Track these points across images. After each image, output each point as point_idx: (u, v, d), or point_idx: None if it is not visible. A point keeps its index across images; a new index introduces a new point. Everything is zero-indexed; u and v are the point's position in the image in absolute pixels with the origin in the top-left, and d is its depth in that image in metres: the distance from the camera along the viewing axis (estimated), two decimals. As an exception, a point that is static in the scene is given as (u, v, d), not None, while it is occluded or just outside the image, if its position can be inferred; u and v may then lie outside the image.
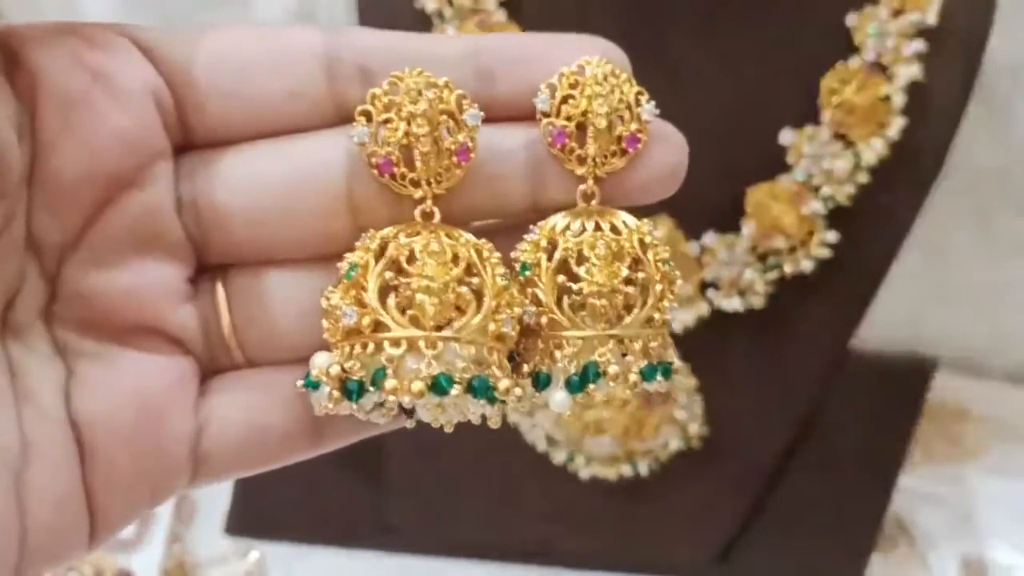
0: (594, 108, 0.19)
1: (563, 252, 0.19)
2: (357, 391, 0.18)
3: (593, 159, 0.19)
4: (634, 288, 0.19)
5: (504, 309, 0.18)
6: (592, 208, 0.19)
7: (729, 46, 0.39)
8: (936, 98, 0.40)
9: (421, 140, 0.18)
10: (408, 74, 0.18)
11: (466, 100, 0.19)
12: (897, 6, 0.39)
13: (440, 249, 0.18)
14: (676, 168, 0.21)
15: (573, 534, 0.47)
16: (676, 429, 0.43)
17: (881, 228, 0.41)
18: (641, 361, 0.18)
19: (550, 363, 0.19)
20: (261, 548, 0.49)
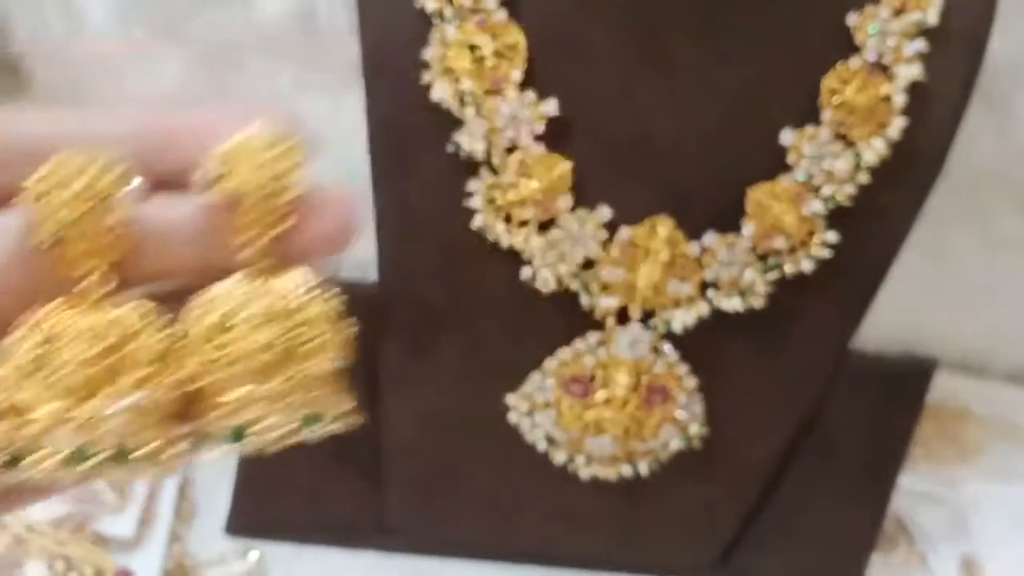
0: (251, 180, 0.20)
1: (216, 319, 0.20)
2: (6, 464, 0.19)
3: (252, 227, 0.20)
4: (285, 348, 0.20)
5: (155, 378, 0.19)
6: (258, 270, 0.21)
7: (729, 46, 0.39)
8: (937, 98, 0.40)
9: (83, 217, 0.19)
10: (70, 155, 0.19)
11: (127, 174, 0.20)
12: (898, 6, 0.39)
13: (90, 326, 0.19)
14: (341, 228, 0.22)
15: (573, 534, 0.47)
16: (676, 429, 0.43)
17: (881, 228, 0.41)
18: (296, 414, 0.20)
19: (210, 422, 0.20)
20: (261, 548, 0.49)
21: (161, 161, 0.21)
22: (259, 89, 0.54)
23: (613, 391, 0.42)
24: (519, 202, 0.39)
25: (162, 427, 0.20)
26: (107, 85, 0.57)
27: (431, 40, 0.39)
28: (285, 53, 0.53)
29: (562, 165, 0.39)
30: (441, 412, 0.44)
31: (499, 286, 0.41)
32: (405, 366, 0.44)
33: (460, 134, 0.39)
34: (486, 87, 0.38)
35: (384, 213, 0.41)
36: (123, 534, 0.48)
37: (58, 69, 0.59)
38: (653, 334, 0.41)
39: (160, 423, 0.20)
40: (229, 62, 0.54)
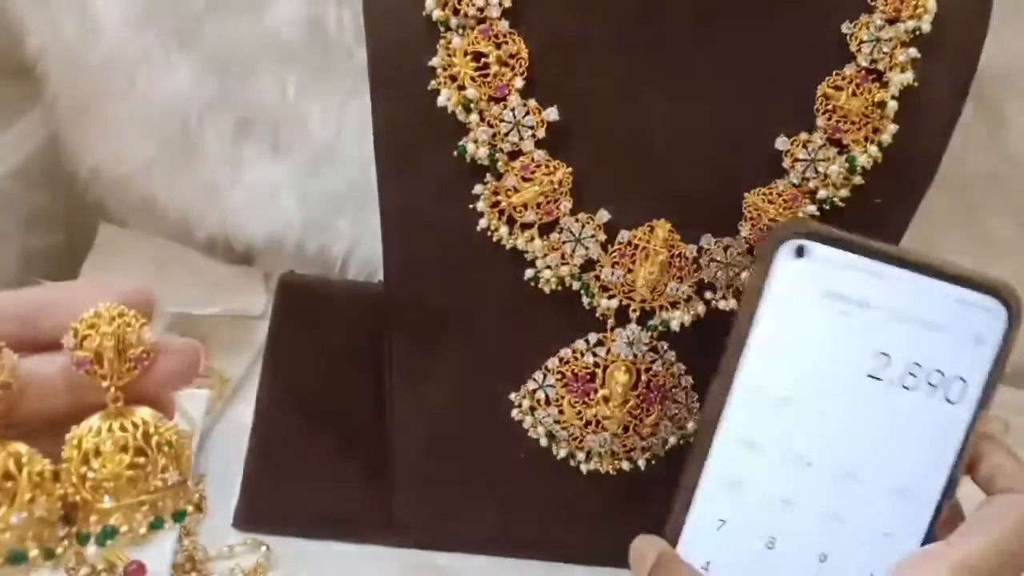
0: (104, 344, 0.26)
1: (84, 449, 0.26)
2: None
3: (111, 376, 0.26)
4: (136, 470, 0.26)
5: (39, 498, 0.25)
6: (115, 409, 0.26)
7: (726, 54, 0.40)
8: (929, 104, 0.41)
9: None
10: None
11: (3, 349, 0.25)
12: (892, 14, 0.40)
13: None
14: (184, 371, 0.27)
15: (573, 528, 0.48)
16: (674, 426, 0.44)
17: (874, 231, 0.41)
18: (148, 517, 0.26)
19: (86, 526, 0.26)
20: (269, 542, 0.49)
21: (37, 327, 0.26)
22: (267, 95, 0.55)
23: (613, 389, 0.42)
24: (521, 205, 0.40)
25: (50, 531, 0.26)
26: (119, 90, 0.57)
27: (436, 48, 0.39)
28: (294, 59, 0.53)
29: (563, 170, 0.40)
30: (446, 409, 0.45)
31: (502, 287, 0.42)
32: (411, 364, 0.45)
33: (465, 139, 0.40)
34: (490, 94, 0.39)
35: (390, 216, 0.42)
36: (135, 528, 0.48)
37: (71, 74, 0.59)
38: (651, 334, 0.42)
39: (48, 529, 0.25)
40: (239, 68, 0.54)
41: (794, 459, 0.35)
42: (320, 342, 0.46)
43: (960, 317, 0.34)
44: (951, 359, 0.34)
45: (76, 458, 0.26)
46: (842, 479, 0.35)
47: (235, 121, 0.57)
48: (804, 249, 0.34)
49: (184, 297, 0.58)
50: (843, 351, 0.35)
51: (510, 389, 0.44)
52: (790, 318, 0.35)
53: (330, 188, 0.57)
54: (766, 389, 0.35)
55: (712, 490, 0.36)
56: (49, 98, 0.61)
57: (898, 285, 0.34)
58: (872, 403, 0.35)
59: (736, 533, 0.36)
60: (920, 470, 0.35)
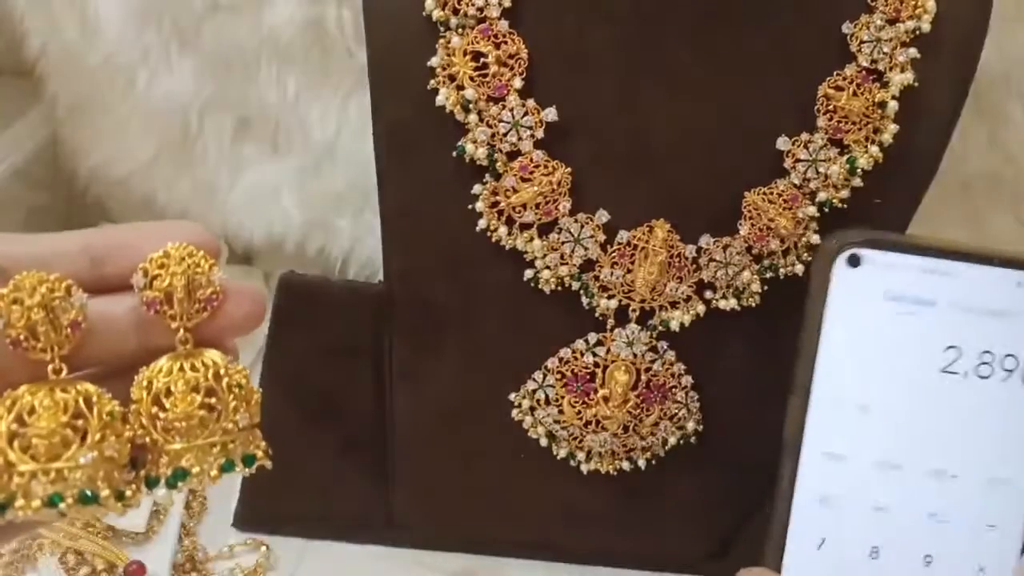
0: (174, 283, 0.25)
1: (155, 389, 0.25)
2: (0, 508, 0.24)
3: (180, 317, 0.26)
4: (208, 411, 0.25)
5: (109, 438, 0.25)
6: (185, 351, 0.26)
7: (726, 54, 0.40)
8: (930, 104, 0.41)
9: (39, 321, 0.25)
10: (27, 275, 0.25)
11: (74, 286, 0.25)
12: (892, 14, 0.40)
13: (52, 403, 0.25)
14: (251, 314, 0.27)
15: (573, 528, 0.48)
16: (673, 426, 0.44)
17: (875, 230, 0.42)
18: (219, 459, 0.26)
19: (155, 469, 0.25)
20: (270, 542, 0.50)
21: (105, 268, 0.26)
22: (267, 95, 0.55)
23: (612, 389, 0.42)
24: (520, 206, 0.40)
25: (119, 474, 0.25)
26: (119, 90, 0.57)
27: (436, 48, 0.39)
28: (293, 59, 0.53)
29: (562, 170, 0.40)
30: (446, 409, 0.45)
31: (502, 287, 0.42)
32: (411, 364, 0.45)
33: (464, 140, 0.40)
34: (488, 94, 0.39)
35: (390, 215, 0.42)
36: (134, 528, 0.48)
37: (71, 74, 0.59)
38: (651, 333, 0.42)
39: (118, 471, 0.25)
40: (239, 68, 0.54)
41: (881, 464, 0.36)
42: (320, 342, 0.46)
43: (1020, 299, 0.35)
44: (1020, 341, 0.35)
45: (146, 399, 0.25)
46: (934, 477, 0.36)
47: (235, 121, 0.57)
48: (859, 257, 0.35)
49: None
50: (913, 351, 0.36)
51: (510, 389, 0.44)
52: (856, 327, 0.36)
53: (330, 188, 0.57)
54: (843, 400, 0.36)
55: (806, 509, 0.36)
56: (49, 98, 0.61)
57: (955, 278, 0.35)
58: (950, 397, 0.35)
59: (838, 548, 0.36)
60: (1010, 456, 0.36)
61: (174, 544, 0.49)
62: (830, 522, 0.36)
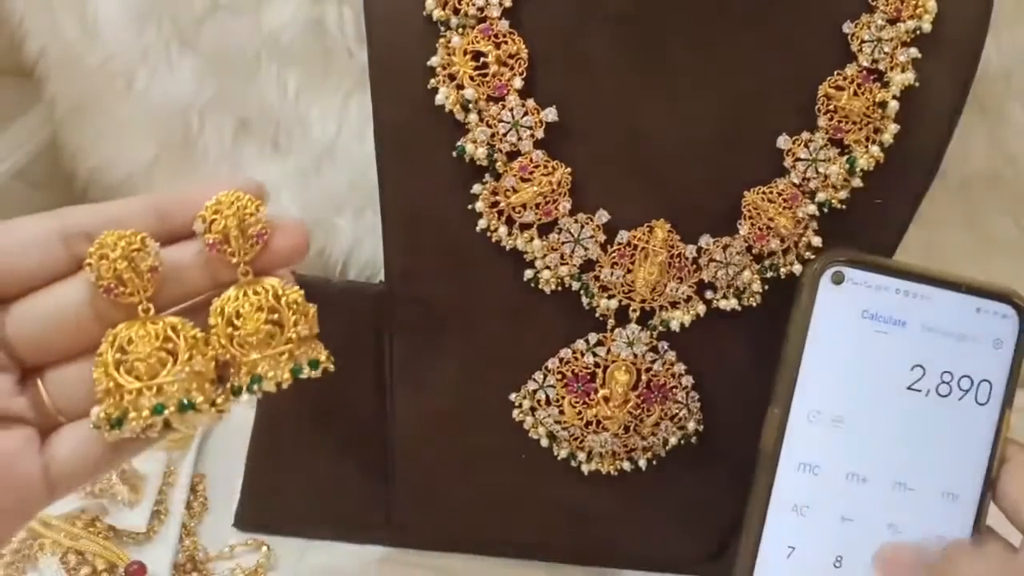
0: (228, 224, 0.30)
1: (227, 313, 0.31)
2: (117, 423, 0.30)
3: (238, 252, 0.31)
4: (273, 325, 0.31)
5: (196, 356, 0.30)
6: (246, 281, 0.31)
7: (726, 54, 0.40)
8: (931, 104, 0.41)
9: (124, 270, 0.30)
10: (108, 233, 0.30)
11: (148, 238, 0.30)
12: (893, 14, 0.40)
13: (145, 332, 0.30)
14: (297, 244, 0.32)
15: (574, 528, 0.48)
16: (674, 426, 0.44)
17: (875, 230, 0.42)
18: (289, 364, 0.31)
19: (238, 378, 0.31)
20: (270, 542, 0.50)
21: (170, 222, 0.31)
22: (268, 95, 0.55)
23: (613, 389, 0.42)
24: (520, 206, 0.40)
25: (210, 386, 0.31)
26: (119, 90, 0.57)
27: (437, 47, 0.39)
28: (294, 59, 0.53)
29: (562, 170, 0.40)
30: (446, 409, 0.45)
31: (502, 287, 0.42)
32: (411, 364, 0.45)
33: (464, 139, 0.40)
34: (488, 94, 0.39)
35: (390, 215, 0.42)
36: (135, 528, 0.48)
37: (71, 74, 0.59)
38: (651, 333, 0.42)
39: (208, 383, 0.31)
40: (239, 68, 0.54)
41: (851, 477, 0.38)
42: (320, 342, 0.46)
43: (980, 325, 0.38)
44: (977, 364, 0.38)
45: (221, 322, 0.31)
46: (895, 490, 0.38)
47: (235, 121, 0.57)
48: (842, 275, 0.38)
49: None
50: (883, 368, 0.38)
51: (510, 389, 0.44)
52: (835, 342, 0.38)
53: (331, 188, 0.57)
54: (820, 412, 0.38)
55: (779, 519, 0.38)
56: (49, 99, 0.61)
57: (926, 301, 0.38)
58: (913, 414, 0.38)
59: (806, 558, 0.38)
60: (962, 472, 0.38)
61: (175, 544, 0.49)
62: (800, 531, 0.38)
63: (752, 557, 0.38)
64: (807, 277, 0.39)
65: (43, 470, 0.31)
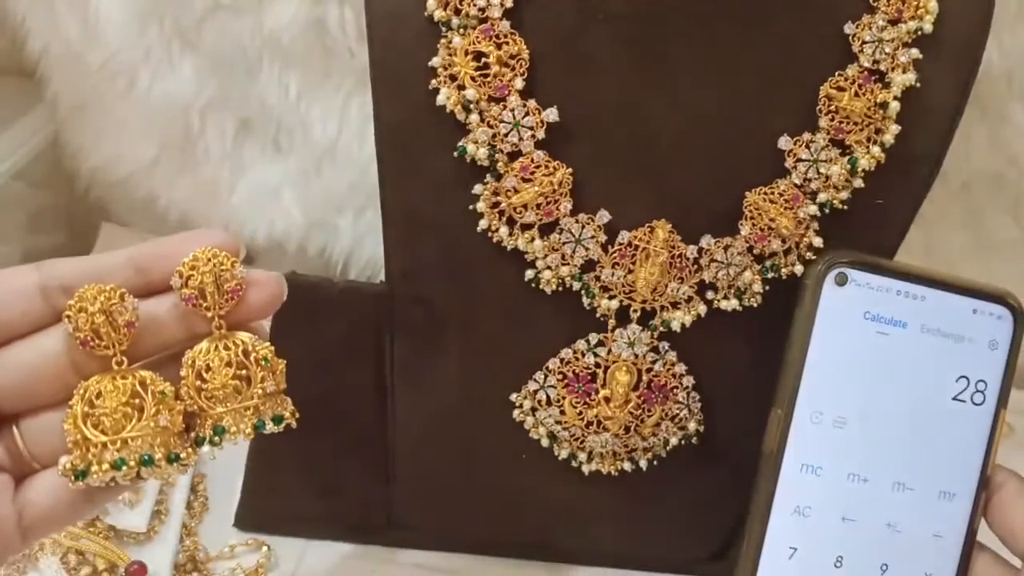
0: (204, 280, 0.31)
1: (196, 366, 0.31)
2: (81, 475, 0.30)
3: (213, 307, 0.31)
4: (240, 380, 0.32)
5: (162, 412, 0.31)
6: (219, 335, 0.32)
7: (728, 54, 0.40)
8: (932, 105, 0.41)
9: (101, 324, 0.30)
10: (88, 287, 0.30)
11: (126, 293, 0.31)
12: (894, 14, 0.40)
13: (114, 387, 0.31)
14: (271, 297, 0.33)
15: (575, 529, 0.48)
16: (675, 426, 0.44)
17: (876, 231, 0.42)
18: (252, 419, 0.32)
19: (202, 430, 0.32)
20: (271, 542, 0.50)
21: (149, 275, 0.32)
22: (269, 95, 0.55)
23: (614, 389, 0.42)
24: (521, 206, 0.40)
25: (175, 440, 0.31)
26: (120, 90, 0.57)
27: (438, 48, 0.39)
28: (295, 60, 0.53)
29: (563, 171, 0.40)
30: (447, 409, 0.45)
31: (503, 287, 0.42)
32: (412, 365, 0.45)
33: (465, 140, 0.40)
34: (490, 94, 0.39)
35: (391, 215, 0.42)
36: (136, 528, 0.48)
37: (72, 74, 0.59)
38: (652, 334, 0.42)
39: (173, 437, 0.31)
40: (240, 68, 0.54)
41: (852, 477, 0.38)
42: (321, 342, 0.46)
43: (978, 326, 0.38)
44: (973, 365, 0.38)
45: (191, 375, 0.31)
46: (895, 490, 0.38)
47: (236, 121, 0.57)
48: (845, 277, 0.38)
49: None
50: (885, 368, 0.38)
51: (511, 389, 0.44)
52: (837, 343, 0.38)
53: (331, 188, 0.57)
54: (823, 414, 0.38)
55: (781, 520, 0.38)
56: (50, 98, 0.61)
57: (925, 303, 0.38)
58: (913, 414, 0.38)
59: (808, 558, 0.38)
60: (958, 471, 0.38)
61: (175, 544, 0.49)
62: (802, 532, 0.38)
63: (755, 559, 0.38)
64: (811, 278, 0.39)
65: (16, 516, 0.31)
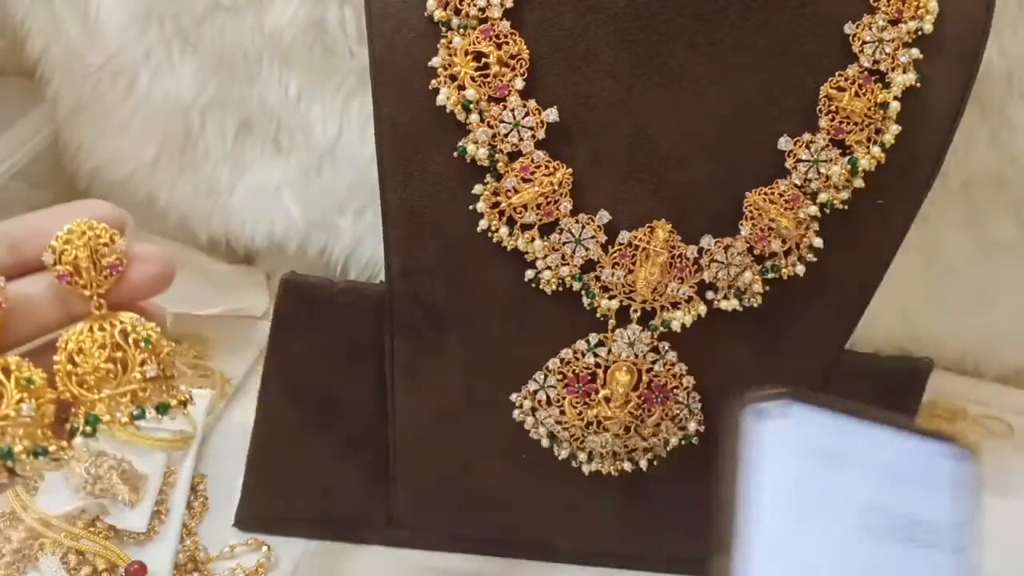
0: (79, 255, 0.28)
1: (69, 349, 0.28)
2: None
3: (90, 285, 0.29)
4: (115, 364, 0.28)
5: (25, 401, 0.27)
6: (99, 315, 0.29)
7: (728, 55, 0.40)
8: (932, 105, 0.41)
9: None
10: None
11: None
12: (894, 14, 0.40)
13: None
14: (158, 275, 0.30)
15: (575, 529, 0.48)
16: (675, 427, 0.44)
17: (877, 231, 0.42)
18: (130, 408, 0.29)
19: (76, 421, 0.28)
20: (271, 542, 0.50)
21: (22, 253, 0.29)
22: (269, 95, 0.55)
23: (614, 389, 0.42)
24: (521, 206, 0.40)
25: (43, 432, 0.28)
26: (120, 91, 0.57)
27: (438, 48, 0.39)
28: (295, 60, 0.53)
29: (563, 171, 0.40)
30: (447, 409, 0.45)
31: (503, 287, 0.42)
32: (412, 365, 0.45)
33: (465, 140, 0.40)
34: (490, 94, 0.39)
35: (391, 215, 0.42)
36: (136, 528, 0.48)
37: (72, 75, 0.59)
38: (652, 334, 0.42)
39: (41, 430, 0.28)
40: (240, 69, 0.54)
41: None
42: (321, 343, 0.46)
43: (931, 466, 0.36)
44: (928, 506, 0.36)
45: (63, 358, 0.28)
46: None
47: (236, 121, 0.57)
48: (780, 412, 0.35)
49: (186, 298, 0.58)
50: (834, 511, 0.36)
51: (511, 390, 0.44)
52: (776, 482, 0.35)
53: (332, 188, 0.57)
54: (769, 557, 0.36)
55: None
56: (51, 98, 0.61)
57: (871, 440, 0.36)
58: (865, 557, 0.36)
59: None
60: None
61: (175, 544, 0.49)
62: None
63: None
64: (743, 415, 0.36)
65: None
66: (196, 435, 0.53)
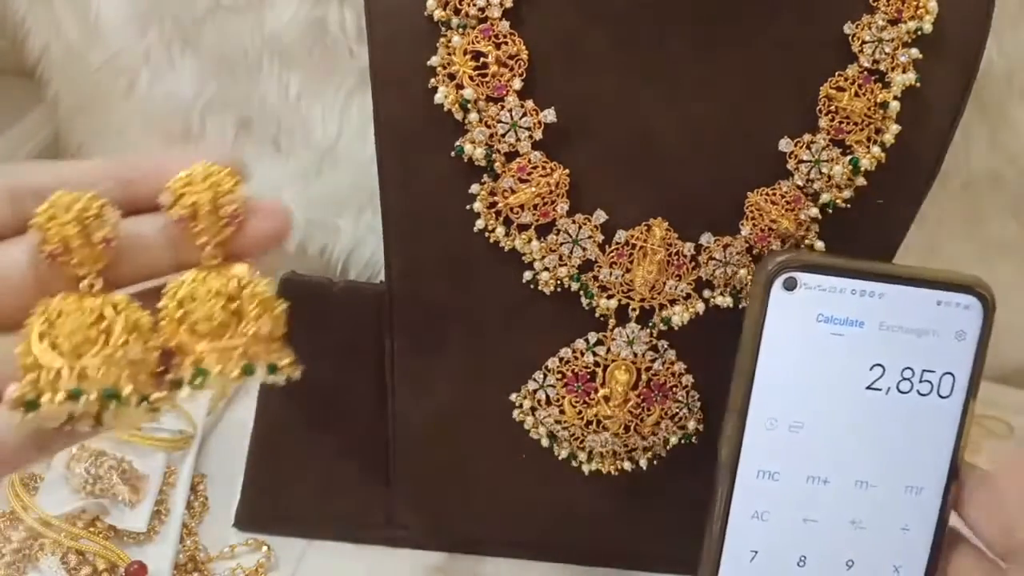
0: (199, 200, 0.26)
1: (179, 295, 0.27)
2: (31, 405, 0.25)
3: (206, 232, 0.27)
4: (230, 314, 0.26)
5: (134, 341, 0.26)
6: (211, 265, 0.27)
7: (728, 55, 0.40)
8: (932, 105, 0.41)
9: (74, 237, 0.26)
10: (63, 194, 0.26)
11: (107, 206, 0.26)
12: (894, 14, 0.40)
13: (78, 307, 0.26)
14: (276, 230, 0.28)
15: (575, 529, 0.48)
16: (675, 425, 0.44)
17: (876, 231, 0.42)
18: (241, 362, 0.26)
19: (179, 369, 0.26)
20: (271, 542, 0.50)
21: (137, 191, 0.27)
22: (269, 95, 0.55)
23: (613, 388, 0.42)
24: (518, 207, 0.40)
25: (146, 378, 0.26)
26: (120, 90, 0.57)
27: (437, 47, 0.39)
28: (295, 60, 0.53)
29: (560, 172, 0.40)
30: (447, 409, 0.45)
31: (502, 287, 0.42)
32: (412, 364, 0.45)
33: (462, 139, 0.40)
34: (488, 94, 0.39)
35: (390, 215, 0.42)
36: (136, 528, 0.48)
37: (72, 74, 0.59)
38: (651, 332, 0.42)
39: (144, 375, 0.26)
40: (240, 68, 0.54)
41: (812, 480, 0.38)
42: (321, 342, 0.46)
43: (942, 318, 0.37)
44: (939, 358, 0.37)
45: (172, 304, 0.27)
46: (857, 488, 0.38)
47: (237, 121, 0.57)
48: (795, 281, 0.37)
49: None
50: (841, 370, 0.37)
51: (511, 389, 0.44)
52: (790, 348, 0.37)
53: (332, 188, 0.57)
54: (778, 419, 0.38)
55: (740, 525, 0.38)
56: (51, 98, 0.61)
57: (882, 299, 0.37)
58: (874, 413, 0.37)
59: (769, 560, 0.38)
60: (926, 465, 0.38)
61: (175, 544, 0.49)
62: (762, 535, 0.38)
63: (715, 564, 0.38)
64: (757, 285, 0.37)
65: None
66: (196, 435, 0.53)
